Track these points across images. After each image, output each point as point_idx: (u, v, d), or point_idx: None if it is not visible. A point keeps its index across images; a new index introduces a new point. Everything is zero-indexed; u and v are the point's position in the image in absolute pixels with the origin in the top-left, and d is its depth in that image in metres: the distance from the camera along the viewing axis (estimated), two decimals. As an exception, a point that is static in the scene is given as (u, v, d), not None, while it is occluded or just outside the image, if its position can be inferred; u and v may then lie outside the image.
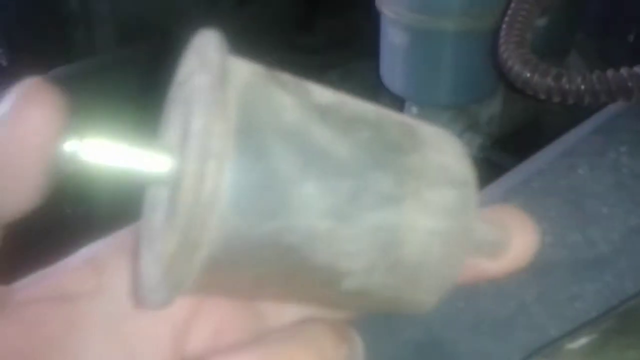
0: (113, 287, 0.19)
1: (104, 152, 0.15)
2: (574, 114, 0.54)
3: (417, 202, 0.17)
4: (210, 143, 0.14)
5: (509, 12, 0.53)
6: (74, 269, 0.19)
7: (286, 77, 0.16)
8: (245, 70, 0.16)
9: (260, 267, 0.16)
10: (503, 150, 0.75)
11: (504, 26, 0.52)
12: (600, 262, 0.38)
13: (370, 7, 0.75)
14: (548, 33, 0.74)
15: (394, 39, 0.71)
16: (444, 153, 0.18)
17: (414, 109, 0.77)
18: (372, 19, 0.76)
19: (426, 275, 0.17)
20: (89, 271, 0.19)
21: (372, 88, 0.87)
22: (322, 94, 0.17)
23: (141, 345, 0.19)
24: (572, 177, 0.43)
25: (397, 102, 0.81)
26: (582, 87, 0.45)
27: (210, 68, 0.15)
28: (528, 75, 0.47)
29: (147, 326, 0.19)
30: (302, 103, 0.16)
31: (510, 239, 0.19)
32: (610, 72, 0.45)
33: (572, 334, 0.26)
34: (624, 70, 0.45)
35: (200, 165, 0.15)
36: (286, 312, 0.20)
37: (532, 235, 0.20)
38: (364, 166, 0.16)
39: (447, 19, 0.67)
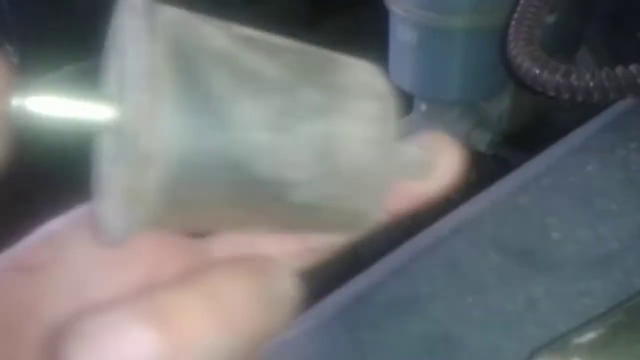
0: (71, 258, 0.19)
1: (48, 106, 0.16)
2: (583, 110, 0.54)
3: (344, 112, 0.18)
4: (146, 73, 0.16)
5: (518, 9, 0.53)
6: (33, 244, 0.19)
7: (209, 18, 0.18)
8: (170, 11, 0.17)
9: (213, 189, 0.17)
10: (512, 146, 0.75)
11: (513, 23, 0.52)
12: (608, 258, 0.38)
13: (377, 4, 0.75)
14: (557, 30, 0.74)
15: (402, 36, 0.71)
16: (364, 73, 0.20)
17: (423, 106, 0.78)
18: (379, 15, 0.76)
19: (363, 182, 0.19)
20: (47, 245, 0.19)
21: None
22: (245, 28, 0.18)
23: None
24: (581, 174, 0.43)
25: (406, 99, 0.81)
26: (591, 84, 0.45)
27: (137, 12, 0.17)
28: (537, 72, 0.47)
29: (109, 289, 0.19)
30: (227, 33, 0.18)
31: (435, 160, 0.21)
32: (619, 69, 0.45)
33: (580, 328, 0.26)
34: (633, 67, 0.45)
35: (140, 95, 0.16)
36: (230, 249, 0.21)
37: (455, 155, 0.21)
38: (292, 83, 0.18)
39: (456, 16, 0.67)
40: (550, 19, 0.73)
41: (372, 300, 0.38)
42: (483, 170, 0.85)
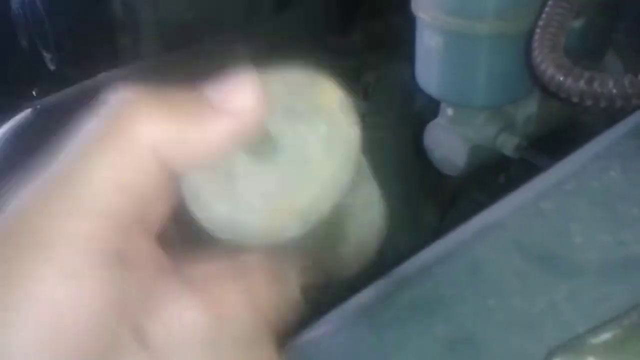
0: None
1: None
2: (611, 114, 0.55)
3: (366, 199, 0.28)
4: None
5: (544, 15, 0.54)
6: None
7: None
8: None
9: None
10: (539, 151, 0.76)
11: (537, 30, 0.53)
12: (630, 263, 0.39)
13: (406, 10, 0.76)
14: (584, 34, 0.74)
15: (429, 41, 0.72)
16: None
17: (449, 110, 0.78)
18: (408, 21, 0.78)
19: None
20: None
21: (408, 89, 0.88)
22: None
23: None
24: (604, 179, 0.44)
25: (433, 103, 0.82)
26: (614, 91, 0.45)
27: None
28: (561, 79, 0.48)
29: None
30: None
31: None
32: (642, 76, 0.45)
33: (596, 329, 0.27)
34: (656, 74, 0.45)
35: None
36: None
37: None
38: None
39: (482, 22, 0.68)
40: (577, 23, 0.73)
41: (396, 301, 0.39)
42: (510, 175, 0.86)
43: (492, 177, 0.84)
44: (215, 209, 0.23)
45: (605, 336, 0.26)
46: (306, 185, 0.23)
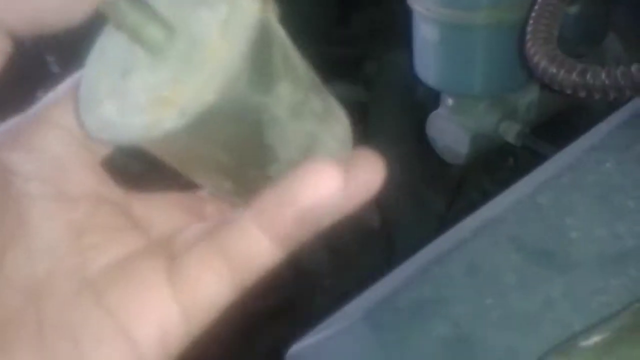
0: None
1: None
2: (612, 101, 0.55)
3: (327, 127, 0.24)
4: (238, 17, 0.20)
5: (536, 6, 0.54)
6: None
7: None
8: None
9: (229, 131, 0.21)
10: (541, 138, 0.76)
11: (530, 21, 0.53)
12: (625, 256, 0.39)
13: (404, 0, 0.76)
14: (581, 20, 0.74)
15: (425, 33, 0.72)
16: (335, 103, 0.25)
17: (450, 100, 0.78)
18: (407, 11, 0.77)
19: None
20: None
21: (409, 79, 0.88)
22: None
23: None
24: (599, 171, 0.44)
25: (435, 92, 0.82)
26: (607, 82, 0.45)
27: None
28: (554, 71, 0.48)
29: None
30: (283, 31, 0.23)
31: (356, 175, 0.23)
32: (635, 67, 0.45)
33: (587, 331, 0.28)
34: (649, 64, 0.45)
35: (224, 32, 0.20)
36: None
37: (376, 172, 0.23)
38: (310, 86, 0.23)
39: (477, 12, 0.68)
40: (573, 10, 0.73)
41: (396, 303, 0.40)
42: (512, 162, 0.86)
43: (497, 164, 0.84)
44: (102, 108, 0.21)
45: (595, 339, 0.27)
46: (190, 74, 0.20)
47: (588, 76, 0.46)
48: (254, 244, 0.22)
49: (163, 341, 0.22)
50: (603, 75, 0.46)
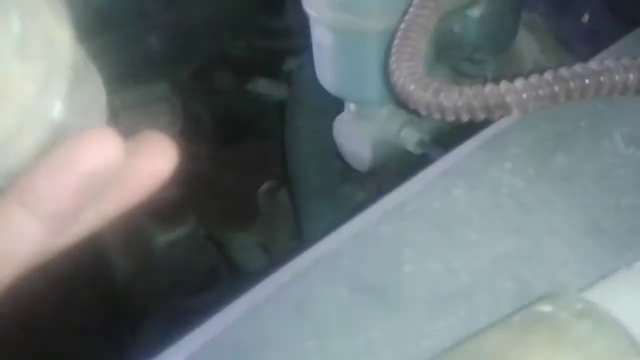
0: None
1: None
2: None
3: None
4: None
5: (406, 18, 0.51)
6: None
7: None
8: None
9: None
10: (441, 146, 0.74)
11: (398, 34, 0.51)
12: (458, 294, 0.37)
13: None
14: (485, 23, 0.72)
15: (320, 39, 0.69)
16: None
17: (352, 106, 0.76)
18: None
19: None
20: None
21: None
22: None
23: None
24: (447, 198, 0.42)
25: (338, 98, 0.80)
26: (459, 103, 0.43)
27: None
28: (411, 89, 0.46)
29: None
30: None
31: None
32: (488, 87, 0.43)
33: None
34: (503, 85, 0.43)
35: None
36: None
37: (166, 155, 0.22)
38: None
39: (369, 17, 0.65)
40: (474, 13, 0.71)
41: (216, 346, 0.37)
42: (409, 170, 0.84)
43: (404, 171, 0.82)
44: None
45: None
46: None
47: (441, 96, 0.44)
48: (19, 227, 0.20)
49: None
50: (456, 96, 0.44)
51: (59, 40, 0.18)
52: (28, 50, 0.17)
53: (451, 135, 0.79)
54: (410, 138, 0.74)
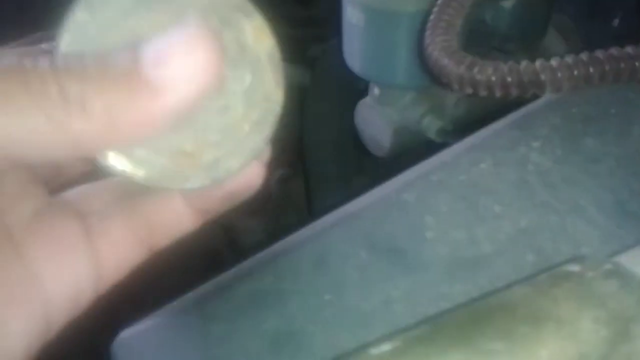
0: None
1: None
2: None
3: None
4: None
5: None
6: None
7: None
8: None
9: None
10: (464, 135, 0.73)
11: (434, 11, 0.51)
12: (477, 262, 0.37)
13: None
14: (516, 15, 0.72)
15: (351, 18, 0.69)
16: None
17: (376, 90, 0.76)
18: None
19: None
20: None
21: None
22: None
23: None
24: (472, 172, 0.42)
25: (365, 82, 0.79)
26: (493, 78, 0.43)
27: None
28: (444, 62, 0.45)
29: None
30: None
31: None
32: (523, 63, 0.43)
33: (380, 339, 0.26)
34: (539, 62, 0.43)
35: None
36: None
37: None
38: None
39: (402, -2, 0.65)
40: (507, 3, 0.71)
41: (234, 294, 0.37)
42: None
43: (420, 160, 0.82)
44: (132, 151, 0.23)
45: (385, 347, 0.25)
46: (212, 135, 0.23)
47: (475, 70, 0.44)
48: (177, 214, 0.26)
49: (74, 300, 0.23)
50: (490, 71, 0.43)
51: (273, 97, 0.24)
52: (251, 98, 0.24)
53: (473, 125, 0.79)
54: (432, 126, 0.73)
